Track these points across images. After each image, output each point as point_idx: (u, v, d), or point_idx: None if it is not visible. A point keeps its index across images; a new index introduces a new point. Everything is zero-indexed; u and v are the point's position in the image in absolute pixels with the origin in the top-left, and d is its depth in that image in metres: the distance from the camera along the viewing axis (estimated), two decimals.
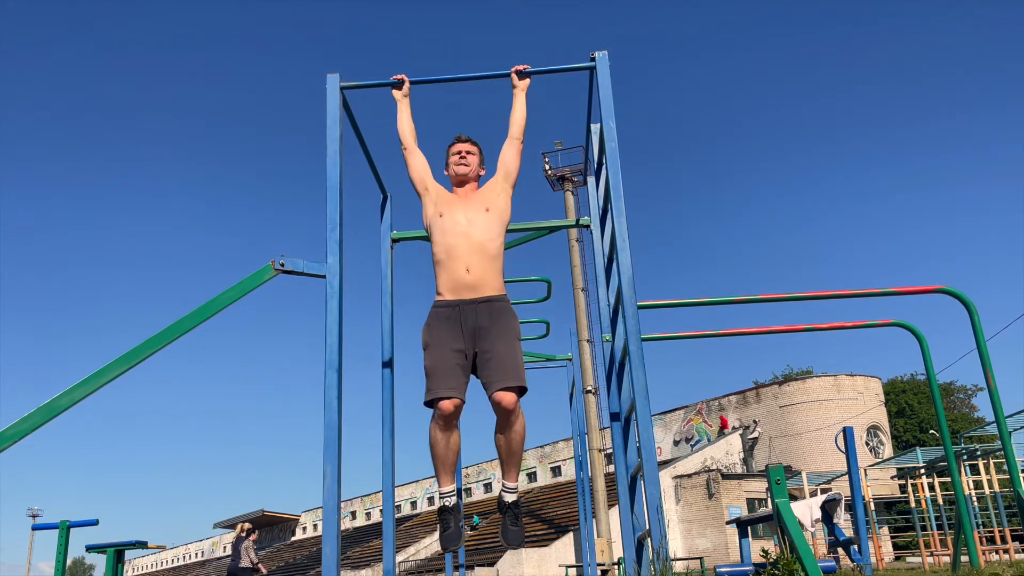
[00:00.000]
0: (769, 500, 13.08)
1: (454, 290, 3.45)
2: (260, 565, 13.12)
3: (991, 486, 20.16)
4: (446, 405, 3.24)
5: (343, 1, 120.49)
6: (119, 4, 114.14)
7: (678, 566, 21.44)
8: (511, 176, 3.69)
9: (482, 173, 3.76)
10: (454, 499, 3.53)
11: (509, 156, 3.70)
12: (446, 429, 3.31)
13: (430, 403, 3.28)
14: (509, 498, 3.53)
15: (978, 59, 78.93)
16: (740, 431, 34.45)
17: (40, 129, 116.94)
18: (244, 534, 13.18)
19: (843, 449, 9.81)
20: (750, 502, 28.17)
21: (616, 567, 17.27)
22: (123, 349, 3.32)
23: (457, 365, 3.33)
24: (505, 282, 3.55)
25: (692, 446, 35.35)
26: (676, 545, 27.98)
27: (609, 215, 3.86)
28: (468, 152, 3.69)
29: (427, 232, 3.64)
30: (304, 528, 58.29)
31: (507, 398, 3.22)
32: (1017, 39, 72.13)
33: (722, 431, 34.52)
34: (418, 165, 3.73)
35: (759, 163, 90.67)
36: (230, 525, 63.55)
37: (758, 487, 28.33)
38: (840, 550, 10.96)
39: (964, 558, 8.29)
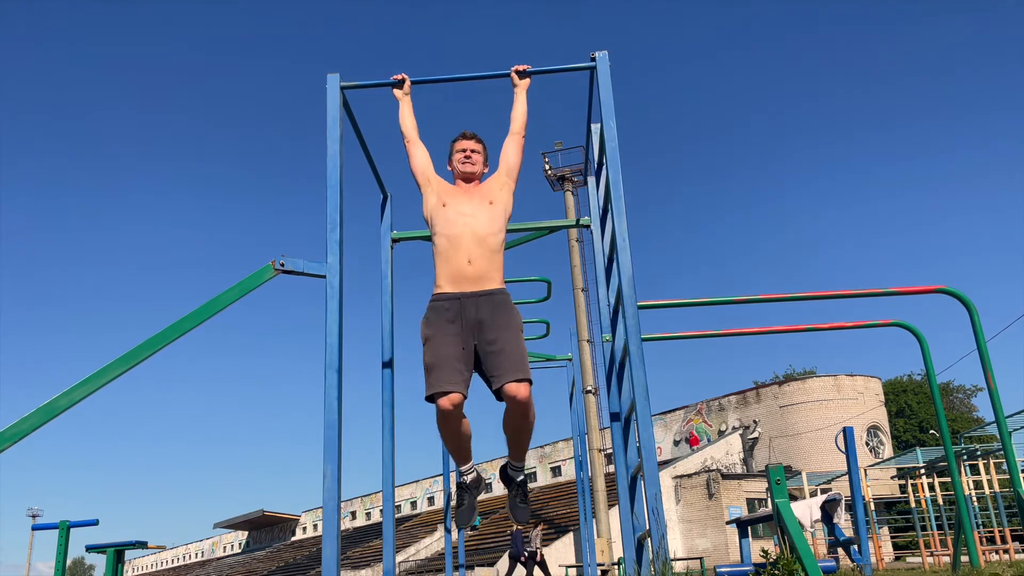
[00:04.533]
0: (769, 500, 13.09)
1: (455, 282, 3.41)
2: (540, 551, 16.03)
3: (991, 486, 20.17)
4: (444, 403, 3.21)
5: (343, 1, 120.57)
6: (119, 2, 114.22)
7: (678, 566, 21.44)
8: (513, 171, 3.70)
9: (485, 171, 3.76)
10: (473, 474, 3.62)
11: (511, 151, 3.72)
12: (450, 423, 3.31)
13: (431, 398, 3.27)
14: (517, 477, 3.63)
15: (979, 57, 79.00)
16: (740, 431, 34.47)
17: (39, 127, 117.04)
18: (524, 528, 15.76)
19: (843, 449, 9.81)
20: (750, 502, 28.18)
21: (616, 567, 17.28)
22: (123, 349, 3.32)
23: (458, 359, 3.29)
24: (505, 282, 3.55)
25: (699, 442, 35.37)
26: (676, 545, 27.99)
27: (609, 215, 3.86)
28: (473, 151, 3.70)
29: (428, 223, 3.62)
30: (304, 528, 58.29)
31: (523, 391, 3.20)
32: (1017, 37, 72.18)
33: (692, 448, 34.50)
34: (421, 157, 3.73)
35: (759, 162, 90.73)
36: (230, 525, 63.64)
37: (758, 487, 28.34)
38: (840, 550, 10.96)
39: (964, 558, 8.29)
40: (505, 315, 3.37)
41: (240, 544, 67.69)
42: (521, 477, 3.63)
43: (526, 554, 15.95)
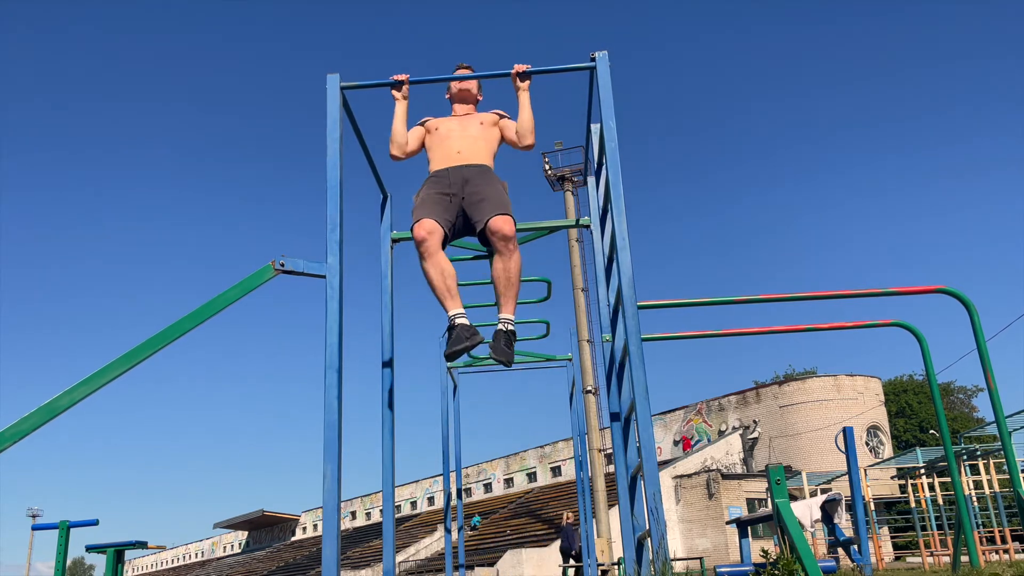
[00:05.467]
0: (769, 500, 13.08)
1: (444, 162, 3.80)
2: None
3: (991, 486, 20.17)
4: (418, 230, 3.48)
5: (343, 1, 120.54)
6: (121, 2, 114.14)
7: (678, 566, 21.44)
8: (506, 131, 3.97)
9: (480, 99, 4.12)
10: (464, 320, 3.59)
11: (510, 130, 3.96)
12: (430, 256, 3.50)
13: (413, 234, 3.55)
14: (507, 327, 3.66)
15: (981, 52, 78.93)
16: (740, 431, 34.46)
17: (40, 125, 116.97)
18: (575, 522, 16.68)
19: (843, 449, 9.81)
20: (750, 502, 28.17)
21: (616, 567, 17.28)
22: (123, 349, 3.32)
23: (439, 205, 3.62)
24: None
25: (692, 445, 35.35)
26: (676, 545, 27.98)
27: (609, 215, 3.86)
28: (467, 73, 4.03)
29: (427, 147, 3.97)
30: (304, 528, 58.28)
31: (506, 224, 3.46)
32: (1015, 33, 72.13)
33: (684, 452, 34.46)
34: (414, 138, 3.99)
35: (759, 161, 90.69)
36: (230, 525, 63.62)
37: (758, 487, 28.33)
38: (840, 550, 10.96)
39: (964, 558, 8.28)
40: (489, 177, 3.73)
41: (240, 544, 67.68)
42: (511, 328, 3.68)
43: (577, 548, 16.47)
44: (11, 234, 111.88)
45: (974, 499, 20.11)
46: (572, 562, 16.73)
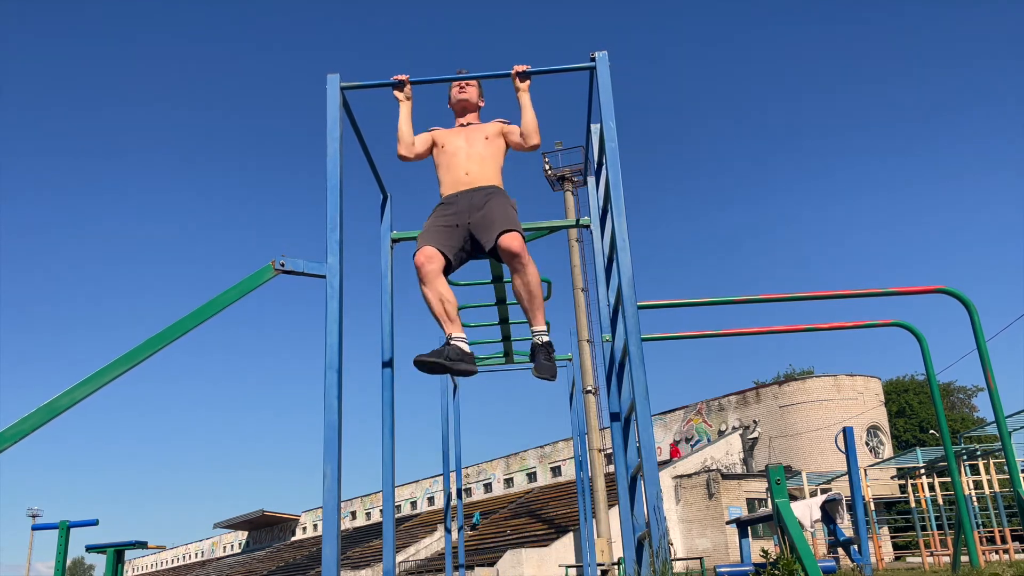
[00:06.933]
0: (769, 500, 13.08)
1: (454, 187, 3.77)
2: None
3: (991, 486, 20.17)
4: (419, 257, 3.49)
5: (343, 1, 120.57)
6: (121, 2, 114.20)
7: (678, 566, 21.44)
8: (510, 136, 3.91)
9: (482, 104, 4.07)
10: (463, 345, 3.54)
11: (515, 135, 3.90)
12: (429, 282, 3.50)
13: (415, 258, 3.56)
14: (541, 340, 3.73)
15: (982, 52, 78.95)
16: (740, 431, 34.46)
17: (39, 125, 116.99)
18: None
19: (843, 449, 9.81)
20: (750, 502, 28.17)
21: (616, 567, 17.29)
22: (123, 349, 3.32)
23: (445, 232, 3.61)
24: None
25: (692, 446, 35.36)
26: (676, 545, 27.97)
27: (609, 215, 3.86)
28: (468, 83, 4.00)
29: (435, 164, 3.94)
30: (304, 528, 58.28)
31: (514, 240, 3.45)
32: (1014, 35, 72.15)
33: (671, 459, 34.43)
34: (422, 142, 3.95)
35: (759, 161, 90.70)
36: (230, 525, 63.61)
37: (758, 487, 28.33)
38: (840, 550, 10.95)
39: (964, 558, 8.29)
40: (498, 198, 3.68)
41: (240, 544, 67.68)
42: (545, 340, 3.73)
43: None
44: (11, 234, 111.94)
45: (974, 499, 20.11)
46: None
